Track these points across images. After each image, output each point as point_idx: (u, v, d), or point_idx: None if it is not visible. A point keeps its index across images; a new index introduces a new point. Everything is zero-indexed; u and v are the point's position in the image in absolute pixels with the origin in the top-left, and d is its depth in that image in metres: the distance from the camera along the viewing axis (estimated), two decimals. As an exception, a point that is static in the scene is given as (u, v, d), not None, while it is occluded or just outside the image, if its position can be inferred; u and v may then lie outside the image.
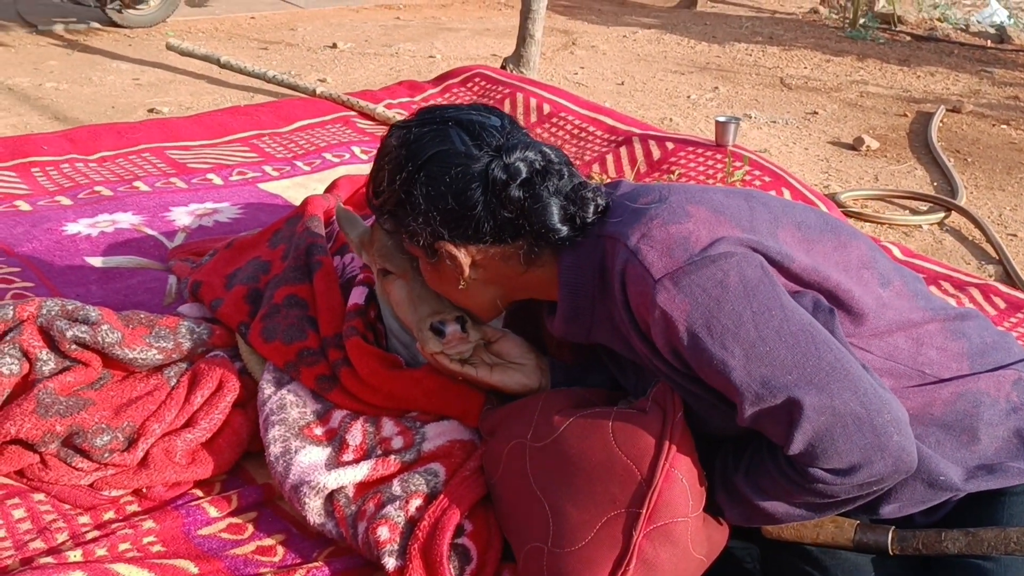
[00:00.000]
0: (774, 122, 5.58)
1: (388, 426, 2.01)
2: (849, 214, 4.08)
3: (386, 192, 1.74)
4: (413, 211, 1.69)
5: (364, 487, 1.92)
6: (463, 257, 1.72)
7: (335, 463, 1.95)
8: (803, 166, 4.89)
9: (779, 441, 1.53)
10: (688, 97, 6.06)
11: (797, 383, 1.48)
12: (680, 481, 1.63)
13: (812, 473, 1.51)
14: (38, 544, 1.88)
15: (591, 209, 1.69)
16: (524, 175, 1.66)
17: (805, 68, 6.80)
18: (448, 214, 1.67)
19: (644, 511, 1.61)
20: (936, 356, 1.67)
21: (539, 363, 1.99)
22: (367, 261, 2.07)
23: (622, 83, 6.33)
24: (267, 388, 2.10)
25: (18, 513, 1.97)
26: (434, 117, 1.74)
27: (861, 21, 7.81)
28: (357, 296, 2.16)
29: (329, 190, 2.84)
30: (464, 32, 7.56)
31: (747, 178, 3.59)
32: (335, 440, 2.00)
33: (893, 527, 1.66)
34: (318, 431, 2.02)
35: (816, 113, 5.76)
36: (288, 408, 2.05)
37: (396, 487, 1.88)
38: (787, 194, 3.50)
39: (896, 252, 3.27)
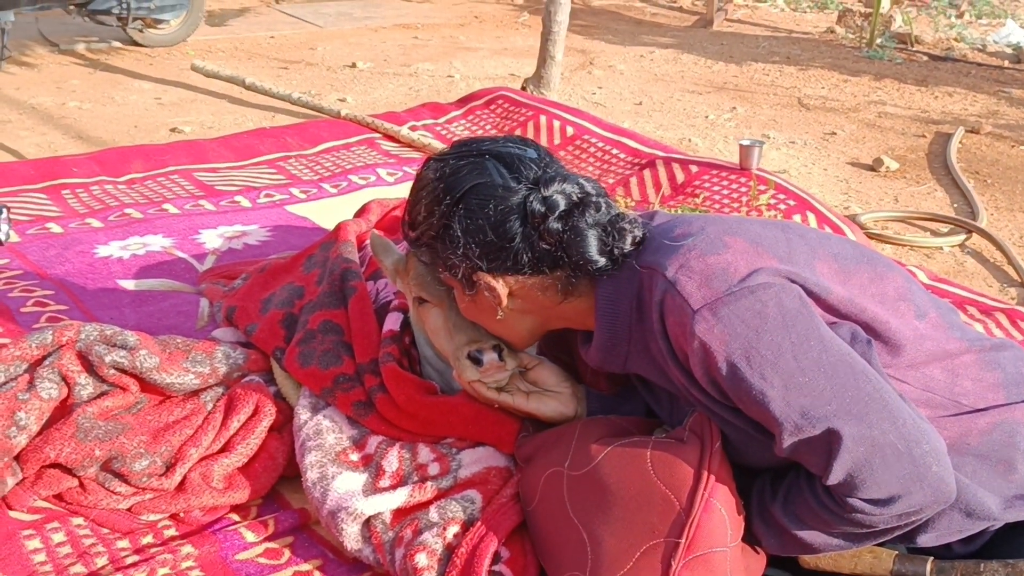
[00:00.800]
0: (792, 143, 5.59)
1: (424, 452, 2.02)
2: (870, 235, 4.09)
3: (424, 224, 1.76)
4: (452, 243, 1.71)
5: (401, 513, 1.94)
6: (501, 288, 1.74)
7: (372, 489, 1.97)
8: (823, 187, 4.90)
9: (818, 472, 1.54)
10: (706, 117, 6.07)
11: (836, 413, 1.50)
12: (719, 511, 1.64)
13: (851, 503, 1.53)
14: (79, 568, 1.90)
15: (629, 240, 1.71)
16: (563, 207, 1.68)
17: (822, 88, 6.81)
18: (487, 246, 1.69)
19: (683, 541, 1.62)
20: (971, 387, 1.69)
21: (575, 391, 2.00)
22: (402, 288, 2.09)
23: (640, 103, 6.35)
24: (303, 413, 2.12)
25: (57, 537, 1.99)
26: (471, 150, 1.76)
27: (878, 41, 7.83)
28: (392, 323, 2.18)
29: (359, 214, 2.86)
30: (482, 52, 7.59)
31: (772, 201, 3.60)
32: (371, 466, 2.02)
33: (932, 558, 1.68)
34: (354, 457, 2.04)
35: (834, 134, 5.77)
36: (324, 434, 2.07)
37: (433, 514, 1.90)
38: (812, 218, 3.51)
39: (922, 276, 3.27)
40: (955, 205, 4.65)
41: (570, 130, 4.33)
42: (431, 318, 1.98)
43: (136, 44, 7.00)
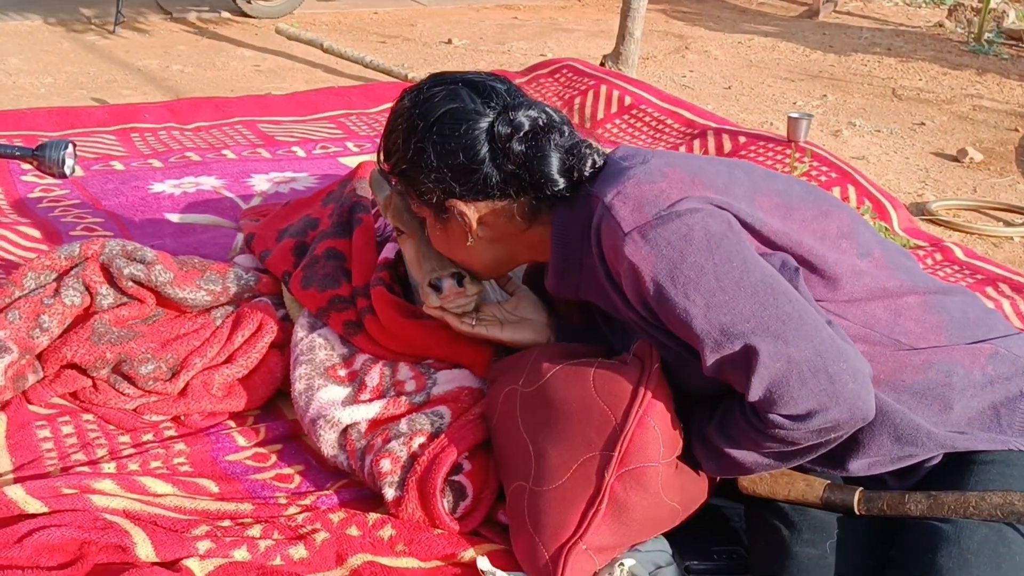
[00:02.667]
0: (878, 131, 5.52)
1: (404, 370, 2.12)
2: (939, 223, 4.04)
3: (399, 152, 1.84)
4: (425, 168, 1.79)
5: (375, 424, 2.04)
6: (471, 213, 1.82)
7: (352, 401, 2.08)
8: (900, 175, 4.84)
9: (740, 388, 1.59)
10: (794, 103, 6.03)
11: (754, 331, 1.54)
12: (652, 428, 1.70)
13: (771, 419, 1.56)
14: (79, 456, 2.06)
15: (588, 163, 1.77)
16: (527, 128, 1.75)
17: (920, 80, 6.69)
18: (458, 169, 1.77)
19: (616, 454, 1.70)
20: (914, 327, 1.71)
21: (549, 321, 2.08)
22: (389, 221, 2.19)
23: (729, 87, 6.34)
24: (300, 331, 2.25)
25: (67, 429, 2.15)
26: (445, 79, 1.85)
27: (986, 36, 7.63)
28: (388, 251, 2.29)
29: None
30: (579, 33, 7.66)
31: (813, 173, 3.60)
32: (356, 381, 2.13)
33: (861, 488, 1.70)
34: (342, 372, 2.15)
35: (923, 124, 5.68)
36: (316, 350, 2.19)
37: (403, 425, 2.00)
38: (852, 191, 3.50)
39: (958, 252, 3.24)
40: (1038, 198, 4.55)
41: (628, 99, 4.37)
42: (406, 249, 2.08)
43: (244, 15, 7.28)
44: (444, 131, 1.77)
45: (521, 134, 1.75)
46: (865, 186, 3.52)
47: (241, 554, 1.78)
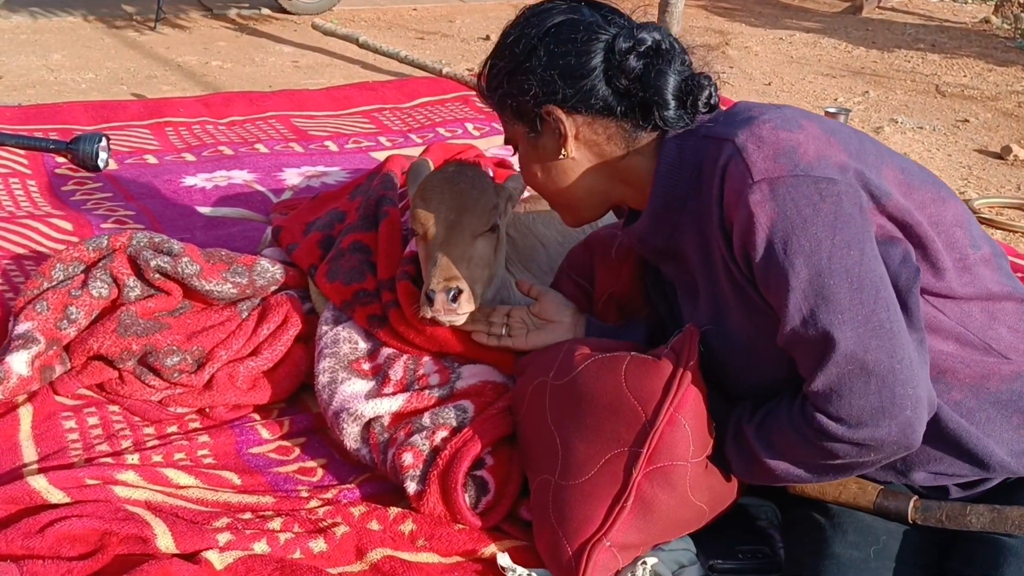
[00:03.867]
0: (921, 128, 5.43)
1: (427, 364, 2.11)
2: (982, 221, 3.97)
3: (508, 55, 1.76)
4: (531, 71, 1.72)
5: (398, 418, 2.03)
6: (569, 124, 1.74)
7: (375, 394, 2.07)
8: (942, 172, 4.75)
9: (804, 372, 1.53)
10: (835, 100, 5.96)
11: (842, 325, 1.48)
12: (683, 426, 1.66)
13: (819, 419, 1.51)
14: (104, 447, 2.07)
15: (705, 95, 1.70)
16: (648, 45, 1.69)
17: (964, 76, 6.58)
18: (567, 71, 1.70)
19: (645, 451, 1.66)
20: (1007, 334, 1.65)
21: (575, 321, 2.05)
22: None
23: (769, 83, 6.27)
24: (324, 324, 2.24)
25: (92, 420, 2.16)
26: None
27: (1034, 32, 7.51)
28: (414, 244, 2.27)
29: (423, 154, 2.96)
30: (617, 29, 7.63)
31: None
32: (379, 375, 2.12)
33: (916, 496, 1.65)
34: (365, 366, 2.14)
35: (967, 121, 5.58)
36: (341, 343, 2.18)
37: (426, 419, 1.99)
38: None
39: (999, 250, 3.17)
40: (1086, 197, 4.45)
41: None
42: (420, 252, 2.07)
43: (284, 11, 7.30)
44: (560, 35, 1.71)
45: (642, 50, 1.68)
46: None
47: (261, 547, 1.77)
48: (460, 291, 1.96)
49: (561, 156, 1.77)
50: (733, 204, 1.56)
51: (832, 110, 3.75)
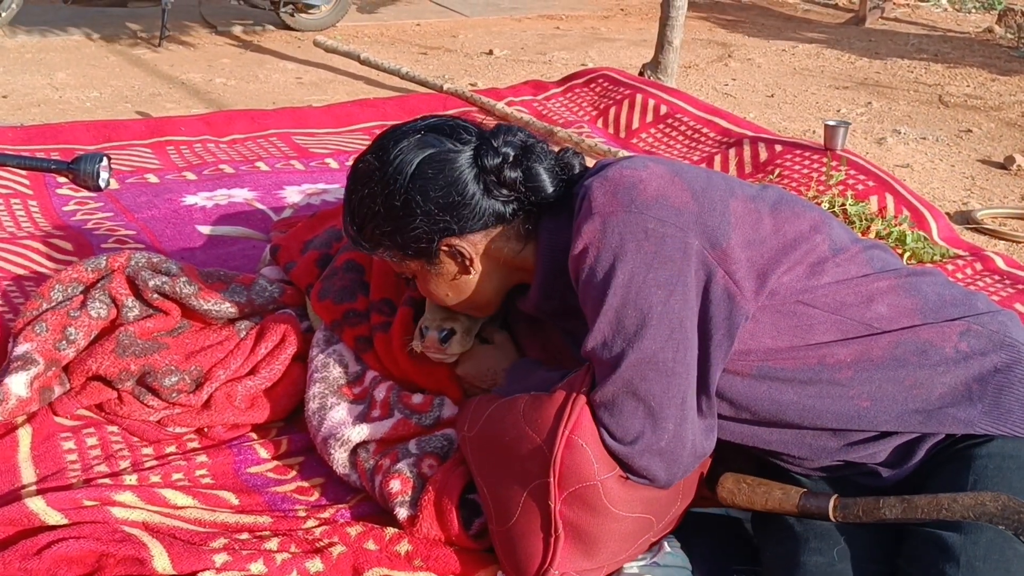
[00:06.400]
0: (924, 138, 5.44)
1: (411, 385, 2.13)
2: (985, 231, 3.97)
3: (378, 215, 1.82)
4: (413, 218, 1.79)
5: (384, 444, 2.05)
6: (469, 247, 1.83)
7: (363, 419, 2.08)
8: (945, 182, 4.76)
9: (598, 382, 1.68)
10: (838, 111, 5.96)
11: (628, 353, 1.63)
12: (581, 447, 1.66)
13: (599, 429, 1.67)
14: (102, 468, 2.07)
15: (576, 166, 1.86)
16: (516, 153, 1.80)
17: (968, 87, 6.58)
18: (451, 208, 1.78)
19: (552, 479, 1.67)
20: (886, 311, 1.72)
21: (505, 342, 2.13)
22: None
23: (772, 95, 6.28)
24: (316, 347, 2.25)
25: (91, 441, 2.16)
26: (404, 132, 1.83)
27: (1037, 41, 7.51)
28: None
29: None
30: (620, 43, 7.64)
31: (850, 182, 3.54)
32: (367, 398, 2.13)
33: (836, 495, 1.69)
34: (355, 390, 2.16)
35: (970, 131, 5.58)
36: (331, 367, 2.19)
37: (412, 446, 2.02)
38: (890, 201, 3.44)
39: (999, 262, 3.17)
40: (1089, 208, 4.45)
41: (663, 108, 4.34)
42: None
43: (287, 28, 7.35)
44: (427, 175, 1.77)
45: (512, 159, 1.79)
46: (903, 195, 3.46)
47: (257, 567, 1.77)
48: (453, 332, 2.00)
49: (471, 275, 1.88)
50: (575, 234, 1.69)
51: (832, 123, 3.75)
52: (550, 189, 1.80)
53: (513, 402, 1.79)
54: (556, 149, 1.87)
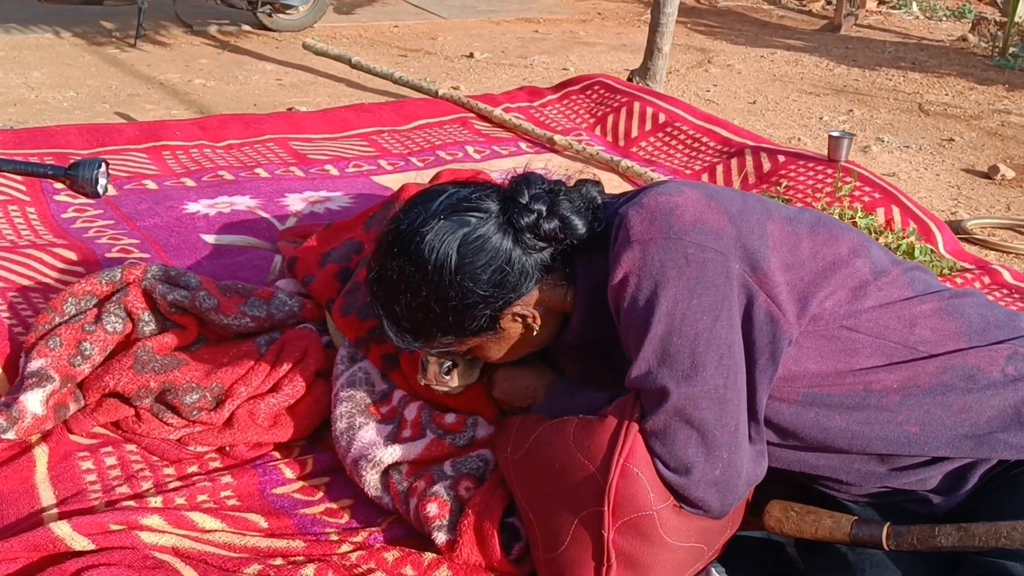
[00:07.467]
0: (907, 147, 5.46)
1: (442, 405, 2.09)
2: (974, 241, 3.98)
3: (437, 313, 1.74)
4: (471, 307, 1.74)
5: (417, 465, 2.00)
6: (526, 309, 1.80)
7: (394, 439, 2.03)
8: (932, 192, 4.78)
9: (647, 411, 1.65)
10: (820, 119, 5.98)
11: (678, 382, 1.60)
12: (637, 476, 1.64)
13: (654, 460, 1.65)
14: (124, 489, 2.00)
15: (597, 195, 1.83)
16: (546, 207, 1.75)
17: (947, 95, 6.63)
18: (497, 280, 1.73)
19: (606, 508, 1.65)
20: (930, 335, 1.72)
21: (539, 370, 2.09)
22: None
23: (754, 102, 6.28)
24: (340, 364, 2.20)
25: (110, 460, 2.10)
26: (422, 225, 1.74)
27: (1011, 50, 7.57)
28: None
29: (432, 181, 2.92)
30: (600, 47, 7.62)
31: (856, 194, 3.54)
32: (396, 417, 2.08)
33: (888, 523, 1.67)
34: (383, 410, 2.11)
35: (952, 140, 5.62)
36: (357, 385, 2.14)
37: (447, 468, 1.97)
38: (896, 212, 3.44)
39: (1007, 275, 3.18)
40: (1072, 217, 4.48)
41: (662, 117, 4.33)
42: None
43: (265, 28, 7.25)
44: (469, 258, 1.71)
45: (545, 214, 1.75)
46: (909, 207, 3.46)
47: (296, 594, 1.72)
48: (455, 365, 1.97)
49: (535, 332, 1.84)
50: (613, 263, 1.68)
51: (836, 134, 3.74)
52: (584, 230, 1.77)
53: (562, 426, 1.76)
54: (572, 184, 1.86)
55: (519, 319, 1.81)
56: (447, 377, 1.98)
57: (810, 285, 1.68)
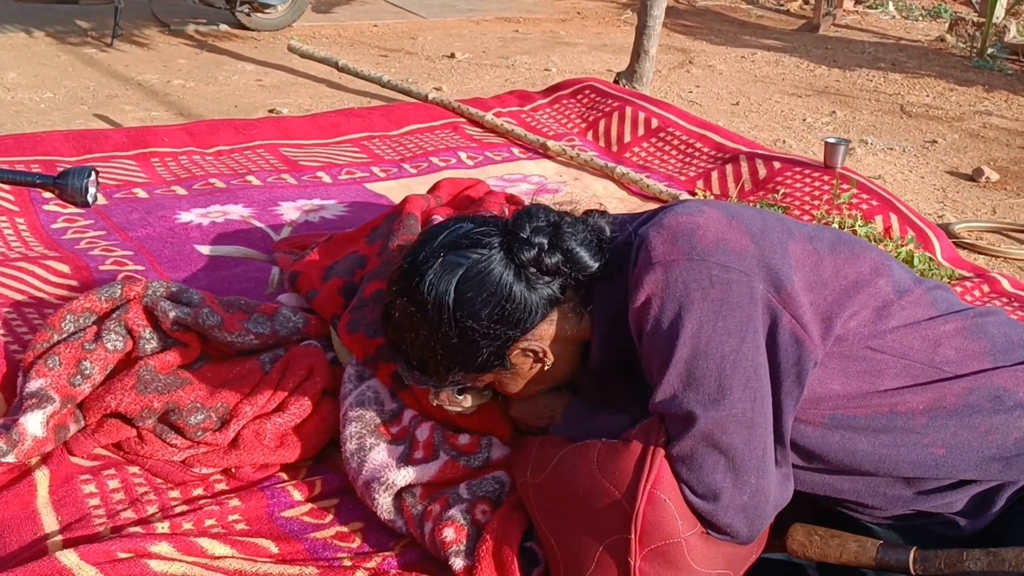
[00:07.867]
0: (891, 149, 5.48)
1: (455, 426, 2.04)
2: (963, 245, 3.99)
3: (439, 353, 1.74)
4: (474, 345, 1.72)
5: (431, 487, 1.96)
6: (537, 343, 1.77)
7: (406, 460, 1.99)
8: (918, 195, 4.79)
9: (672, 435, 1.62)
10: (803, 120, 5.99)
11: (705, 407, 1.57)
12: (664, 503, 1.61)
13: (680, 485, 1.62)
14: (129, 514, 1.95)
15: (606, 227, 1.79)
16: (548, 240, 1.73)
17: (927, 96, 6.66)
18: (505, 318, 1.71)
19: (633, 536, 1.62)
20: (954, 355, 1.70)
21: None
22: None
23: (737, 103, 6.28)
24: (348, 383, 2.15)
25: (113, 484, 2.04)
26: (423, 262, 1.73)
27: (989, 51, 7.62)
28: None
29: (431, 191, 2.88)
30: (581, 47, 7.59)
31: (854, 201, 3.52)
32: (407, 438, 2.04)
33: (915, 547, 1.65)
34: (394, 430, 2.06)
35: (935, 142, 5.64)
36: (366, 405, 2.09)
37: (463, 491, 1.93)
38: (895, 220, 3.43)
39: (1005, 284, 3.18)
40: (1057, 219, 4.51)
41: (655, 122, 4.30)
42: None
43: (243, 27, 7.18)
44: (468, 296, 1.70)
45: (547, 248, 1.72)
46: (907, 215, 3.45)
47: (313, 624, 1.68)
48: (470, 388, 1.92)
49: (547, 366, 1.81)
50: (634, 286, 1.65)
51: (832, 140, 3.73)
52: (591, 263, 1.74)
53: (585, 450, 1.72)
54: (576, 214, 1.83)
55: (529, 354, 1.78)
56: (460, 397, 1.94)
57: (833, 305, 1.66)
